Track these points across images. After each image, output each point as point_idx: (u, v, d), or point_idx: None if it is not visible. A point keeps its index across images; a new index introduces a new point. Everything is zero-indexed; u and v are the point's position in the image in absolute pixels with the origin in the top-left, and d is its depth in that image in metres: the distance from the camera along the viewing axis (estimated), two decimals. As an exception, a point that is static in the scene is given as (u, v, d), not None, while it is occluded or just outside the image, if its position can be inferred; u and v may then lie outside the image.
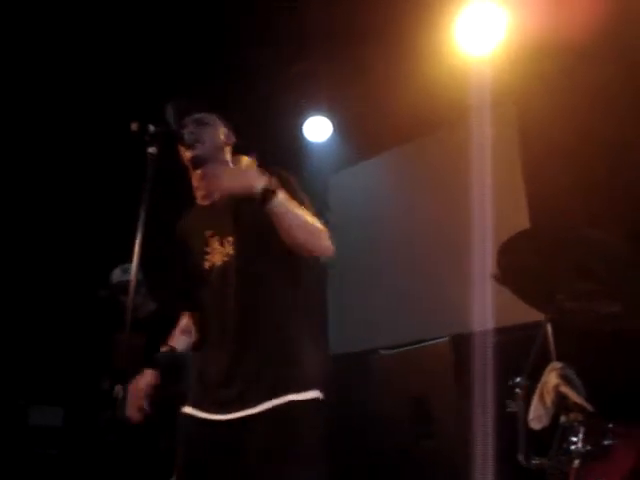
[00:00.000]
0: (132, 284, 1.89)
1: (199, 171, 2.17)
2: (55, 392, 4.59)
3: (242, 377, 1.94)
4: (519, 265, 2.98)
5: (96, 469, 3.85)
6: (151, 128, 1.94)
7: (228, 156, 2.25)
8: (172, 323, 3.64)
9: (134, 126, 1.93)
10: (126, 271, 3.75)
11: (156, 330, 3.41)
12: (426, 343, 3.95)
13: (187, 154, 2.14)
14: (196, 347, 2.19)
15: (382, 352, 4.21)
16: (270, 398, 1.89)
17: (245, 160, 2.31)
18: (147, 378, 2.11)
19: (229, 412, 1.92)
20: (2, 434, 4.30)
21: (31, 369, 4.67)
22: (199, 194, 2.22)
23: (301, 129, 5.23)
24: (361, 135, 5.10)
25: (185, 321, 2.30)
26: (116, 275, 3.81)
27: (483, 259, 3.81)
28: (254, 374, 1.93)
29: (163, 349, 2.21)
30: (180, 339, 2.24)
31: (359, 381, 4.34)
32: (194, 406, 2.02)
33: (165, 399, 2.38)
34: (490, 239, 3.81)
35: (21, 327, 4.74)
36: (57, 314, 4.85)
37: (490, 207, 3.93)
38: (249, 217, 2.05)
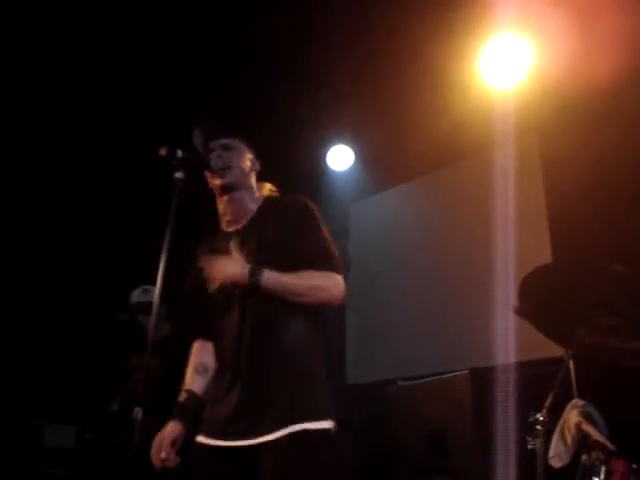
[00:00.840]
0: (155, 307, 1.90)
1: (226, 197, 2.17)
2: (69, 411, 4.59)
3: (256, 405, 1.94)
4: (541, 299, 2.96)
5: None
6: (179, 153, 1.96)
7: (253, 181, 2.26)
8: (186, 348, 3.66)
9: (162, 151, 1.95)
10: (146, 292, 3.78)
11: (170, 354, 3.43)
12: (445, 376, 3.90)
13: (216, 181, 2.15)
14: (213, 372, 2.18)
15: (400, 383, 4.16)
16: (284, 426, 1.88)
17: (267, 187, 2.34)
18: (171, 430, 2.09)
19: (243, 439, 1.91)
20: (15, 454, 4.30)
21: (46, 388, 4.67)
22: (225, 220, 2.22)
23: (324, 157, 5.26)
24: (383, 165, 5.12)
25: (197, 357, 2.27)
26: (135, 295, 3.83)
27: (505, 292, 3.78)
28: (268, 402, 1.93)
29: (182, 397, 2.18)
30: (197, 381, 2.22)
31: (376, 412, 4.29)
32: (207, 434, 2.01)
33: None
34: (512, 271, 3.78)
35: (36, 345, 4.76)
36: (73, 334, 4.87)
37: (513, 239, 3.90)
38: (271, 248, 2.06)
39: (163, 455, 2.05)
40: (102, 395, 4.05)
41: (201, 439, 2.02)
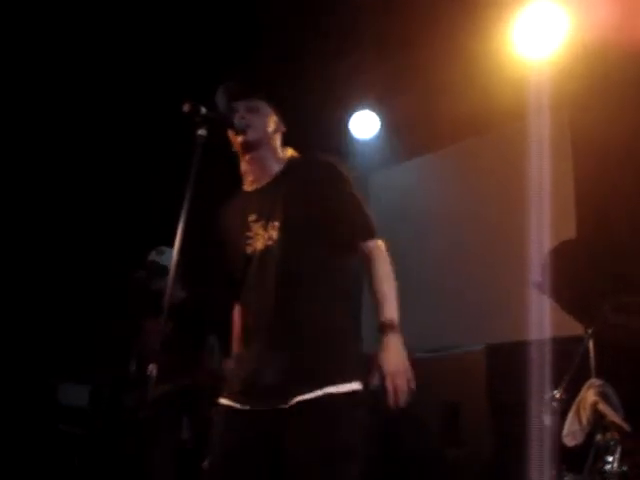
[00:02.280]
0: (172, 270, 1.87)
1: (248, 156, 2.12)
2: (83, 371, 4.63)
3: (281, 368, 1.90)
4: (564, 274, 2.92)
5: (121, 451, 3.89)
6: (203, 110, 1.91)
7: (278, 143, 2.21)
8: (201, 312, 3.64)
9: (186, 107, 1.89)
10: (161, 253, 3.77)
11: (185, 318, 3.44)
12: (461, 350, 3.88)
13: (238, 139, 2.10)
14: (237, 336, 2.16)
15: (417, 355, 4.15)
16: (310, 390, 1.84)
17: (290, 151, 2.29)
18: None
19: (268, 403, 1.89)
20: (31, 411, 4.36)
21: (60, 347, 4.71)
22: (247, 179, 2.18)
23: (347, 123, 5.19)
24: (410, 133, 5.03)
25: (239, 320, 2.21)
26: (151, 256, 3.83)
27: (527, 268, 3.71)
28: (293, 365, 1.89)
29: (228, 364, 2.20)
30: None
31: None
32: (231, 397, 1.98)
33: (191, 388, 2.37)
34: (535, 249, 3.70)
35: (52, 306, 4.79)
36: (88, 294, 4.89)
37: (537, 215, 3.82)
38: (299, 204, 2.01)
39: None
40: (117, 356, 4.08)
41: (225, 401, 2.00)
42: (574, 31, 3.86)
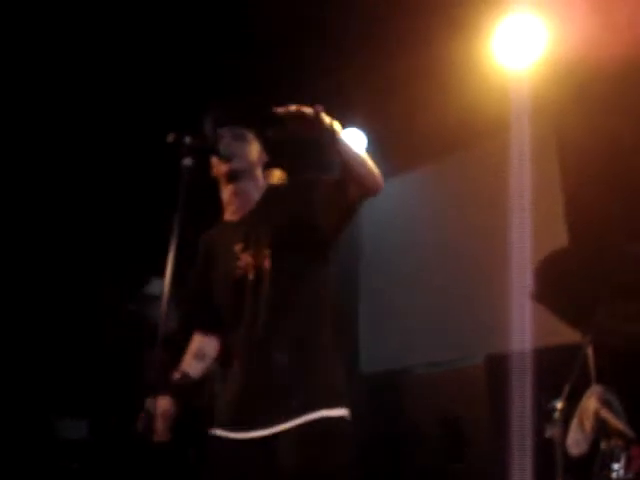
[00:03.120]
0: (164, 298, 1.86)
1: (232, 186, 2.13)
2: (81, 405, 4.59)
3: (270, 395, 1.90)
4: (558, 283, 2.92)
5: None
6: (187, 140, 1.91)
7: (260, 173, 2.22)
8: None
9: (170, 137, 1.90)
10: (147, 282, 3.76)
11: (182, 347, 3.42)
12: (460, 363, 3.87)
13: (222, 168, 2.11)
14: (222, 363, 2.15)
15: (416, 371, 4.14)
16: (301, 414, 1.84)
17: (277, 174, 2.29)
18: (162, 405, 2.05)
19: (260, 429, 1.88)
20: (29, 447, 4.31)
21: (58, 381, 4.68)
22: (229, 209, 2.18)
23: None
24: (396, 150, 5.05)
25: (197, 344, 2.24)
26: (148, 288, 3.81)
27: (521, 277, 3.72)
28: (284, 390, 1.89)
29: (176, 376, 2.15)
30: (193, 364, 2.18)
31: (391, 399, 4.28)
32: (223, 427, 1.98)
33: (190, 415, 2.35)
34: (529, 256, 3.72)
35: (48, 339, 4.76)
36: (83, 329, 4.87)
37: (529, 223, 3.85)
38: (284, 230, 2.03)
39: (156, 427, 2.01)
40: (117, 388, 4.05)
41: (216, 432, 1.99)
42: (553, 42, 3.91)
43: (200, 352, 2.21)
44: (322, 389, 1.91)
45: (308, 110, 1.86)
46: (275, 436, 1.85)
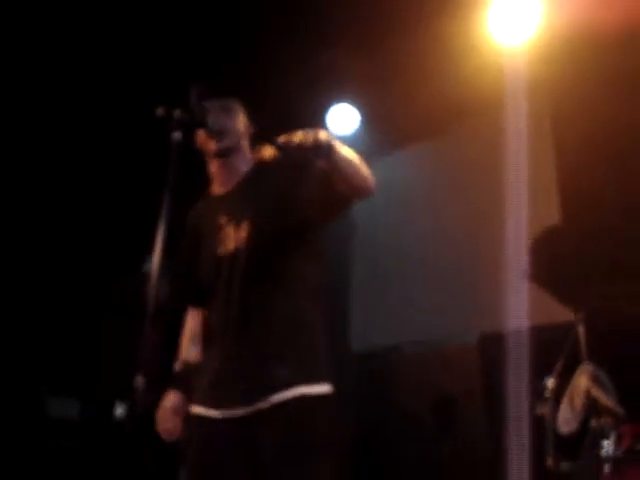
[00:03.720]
0: (154, 274, 1.83)
1: (220, 161, 2.12)
2: (73, 384, 4.60)
3: (250, 371, 1.89)
4: (551, 262, 2.91)
5: (111, 462, 3.85)
6: (177, 113, 1.88)
7: (246, 145, 2.20)
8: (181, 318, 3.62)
9: (159, 111, 1.86)
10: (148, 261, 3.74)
11: (171, 322, 3.39)
12: (454, 342, 3.87)
13: (212, 145, 2.08)
14: (204, 340, 2.14)
15: (408, 349, 4.14)
16: (280, 391, 1.84)
17: (269, 150, 2.26)
18: (172, 400, 2.08)
19: (239, 408, 1.87)
20: (20, 424, 4.31)
21: (50, 359, 4.68)
22: (217, 182, 2.17)
23: (325, 118, 5.15)
24: (389, 126, 5.01)
25: (190, 326, 2.23)
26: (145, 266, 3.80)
27: (515, 255, 3.72)
28: (262, 367, 1.88)
29: (178, 366, 2.16)
30: (191, 350, 2.18)
31: (383, 378, 4.28)
32: (203, 404, 1.96)
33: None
34: (523, 236, 3.71)
35: (41, 318, 4.75)
36: (78, 304, 4.86)
37: (525, 201, 3.83)
38: (266, 204, 2.00)
39: (169, 425, 2.05)
40: (108, 366, 4.04)
41: (195, 409, 1.98)
42: (548, 18, 3.88)
43: (195, 335, 2.20)
44: (302, 366, 1.90)
45: (308, 139, 1.81)
46: (255, 414, 1.85)
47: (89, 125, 4.64)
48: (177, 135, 1.87)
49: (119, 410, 3.47)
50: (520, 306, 3.62)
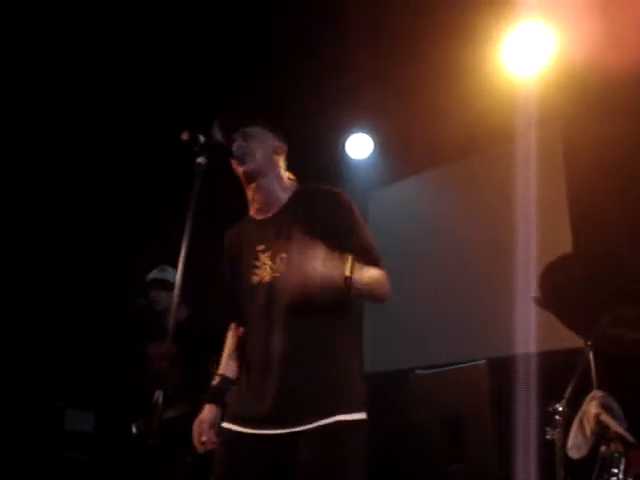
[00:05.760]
0: (176, 292, 1.89)
1: (253, 185, 2.15)
2: (88, 397, 4.64)
3: (290, 397, 1.93)
4: (561, 289, 2.94)
5: (126, 476, 3.88)
6: (201, 138, 1.94)
7: (281, 167, 2.23)
8: (205, 331, 3.66)
9: (185, 136, 1.93)
10: (163, 270, 3.80)
11: (190, 337, 3.44)
12: (463, 365, 3.89)
13: (239, 169, 2.14)
14: (241, 358, 2.19)
15: (418, 372, 4.16)
16: (319, 418, 1.89)
17: (287, 175, 2.33)
18: (208, 414, 2.14)
19: (276, 428, 1.92)
20: (37, 437, 4.36)
21: (66, 374, 4.73)
22: (253, 207, 2.20)
23: (343, 145, 5.24)
24: (403, 153, 5.08)
25: (230, 343, 2.28)
26: (152, 274, 3.85)
27: (526, 282, 3.75)
28: (302, 395, 1.93)
29: (216, 381, 2.21)
30: (230, 366, 2.23)
31: (393, 400, 4.29)
32: (236, 421, 2.01)
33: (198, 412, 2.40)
34: (534, 261, 3.75)
35: (59, 330, 4.82)
36: (93, 321, 4.92)
37: (534, 228, 3.87)
38: (305, 236, 2.02)
39: (204, 438, 2.09)
40: (123, 380, 4.08)
41: (229, 425, 2.03)
42: (561, 49, 3.94)
43: (233, 351, 2.26)
44: (340, 395, 1.95)
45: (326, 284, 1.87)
46: (292, 435, 1.89)
47: (110, 145, 4.74)
48: (201, 160, 1.95)
49: (135, 426, 3.51)
50: (529, 332, 3.64)
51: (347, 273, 1.88)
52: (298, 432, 1.88)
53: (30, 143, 4.58)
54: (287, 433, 1.89)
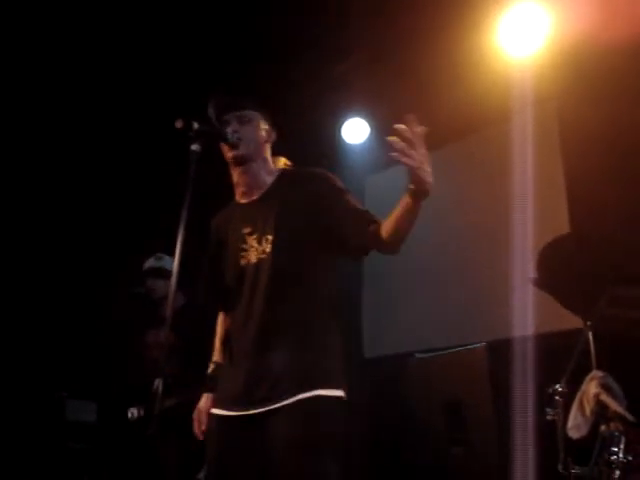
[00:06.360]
0: (173, 281, 1.89)
1: (240, 168, 2.16)
2: (90, 387, 4.66)
3: (270, 375, 1.96)
4: (559, 270, 2.95)
5: (127, 465, 3.90)
6: (195, 125, 1.94)
7: (268, 153, 2.24)
8: (201, 318, 3.66)
9: (179, 123, 1.93)
10: (159, 259, 3.80)
11: (184, 325, 3.44)
12: (462, 348, 3.90)
13: (229, 153, 2.14)
14: (225, 342, 2.20)
15: (417, 356, 4.17)
16: (296, 393, 1.91)
17: (282, 161, 2.32)
18: (206, 402, 2.18)
19: (255, 407, 1.95)
20: (39, 428, 4.37)
21: (66, 364, 4.74)
22: (239, 190, 2.21)
23: (339, 130, 5.21)
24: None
25: (221, 329, 2.30)
26: (149, 262, 3.86)
27: (523, 263, 3.75)
28: (282, 373, 1.95)
29: (211, 369, 2.24)
30: (222, 352, 2.25)
31: (393, 384, 4.31)
32: (222, 406, 2.05)
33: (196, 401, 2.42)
34: (531, 242, 3.75)
35: (59, 321, 4.83)
36: (94, 310, 4.92)
37: (532, 210, 3.87)
38: (293, 216, 2.06)
39: (204, 427, 2.14)
40: (122, 371, 4.09)
41: (215, 411, 2.07)
42: (556, 29, 3.91)
43: (225, 337, 2.26)
44: (319, 371, 1.97)
45: (426, 172, 1.90)
46: (269, 412, 1.92)
47: (104, 134, 4.72)
48: (196, 147, 1.94)
49: (132, 412, 3.53)
50: (527, 314, 3.65)
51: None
52: (278, 408, 1.91)
53: (24, 134, 4.56)
54: (269, 410, 1.92)
